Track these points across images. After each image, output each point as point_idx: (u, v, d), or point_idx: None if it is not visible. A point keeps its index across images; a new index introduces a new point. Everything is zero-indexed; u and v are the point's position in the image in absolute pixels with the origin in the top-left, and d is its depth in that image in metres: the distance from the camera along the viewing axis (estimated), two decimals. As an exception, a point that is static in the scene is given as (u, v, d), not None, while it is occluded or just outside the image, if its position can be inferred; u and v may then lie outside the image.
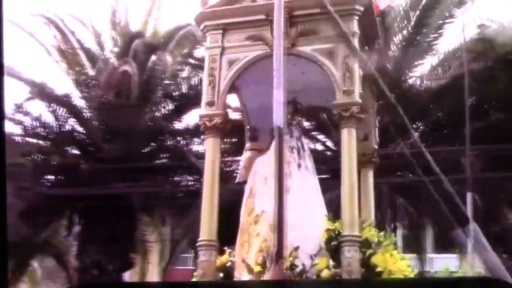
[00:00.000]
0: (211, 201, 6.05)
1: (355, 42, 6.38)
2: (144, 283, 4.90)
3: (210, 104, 6.38)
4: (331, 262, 5.74)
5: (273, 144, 6.38)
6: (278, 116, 5.43)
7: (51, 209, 13.00)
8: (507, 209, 15.77)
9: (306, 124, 15.20)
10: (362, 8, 6.46)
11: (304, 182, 6.35)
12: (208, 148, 6.40)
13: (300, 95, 6.76)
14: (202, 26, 6.71)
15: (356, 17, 6.46)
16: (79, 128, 14.09)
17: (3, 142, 2.46)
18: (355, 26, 6.43)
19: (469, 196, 13.65)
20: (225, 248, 6.24)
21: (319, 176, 8.20)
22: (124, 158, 12.86)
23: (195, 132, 12.89)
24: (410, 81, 16.03)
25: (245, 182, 6.51)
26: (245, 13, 6.58)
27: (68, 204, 13.13)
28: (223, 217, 6.06)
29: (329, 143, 15.73)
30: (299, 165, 6.44)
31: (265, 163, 6.23)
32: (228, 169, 11.74)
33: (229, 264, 6.05)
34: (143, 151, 14.28)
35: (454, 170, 14.64)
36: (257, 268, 5.55)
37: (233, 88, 6.79)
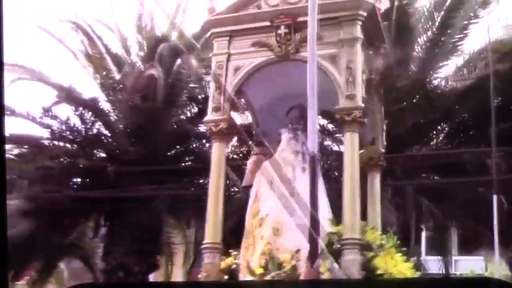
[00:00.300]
0: (215, 204, 6.27)
1: (358, 47, 6.50)
2: (145, 283, 5.02)
3: (216, 109, 6.60)
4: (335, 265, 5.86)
5: (279, 149, 6.57)
6: (312, 142, 5.49)
7: (78, 211, 13.34)
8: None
9: (330, 126, 15.28)
10: (365, 13, 6.57)
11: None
12: (214, 153, 6.62)
13: (303, 99, 6.88)
14: (209, 33, 6.94)
15: (360, 22, 6.58)
16: (106, 132, 14.42)
17: (3, 142, 2.61)
18: (358, 31, 6.55)
19: (495, 198, 13.60)
20: (231, 250, 6.43)
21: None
22: (149, 161, 13.14)
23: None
24: (435, 82, 15.94)
25: (251, 186, 6.69)
26: (250, 20, 6.77)
27: (95, 206, 13.46)
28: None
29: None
30: (303, 169, 6.58)
31: (271, 167, 6.40)
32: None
33: (234, 266, 6.24)
34: (168, 154, 14.54)
35: (480, 171, 14.56)
36: (259, 271, 5.73)
37: (241, 93, 6.99)
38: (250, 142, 7.03)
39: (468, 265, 15.88)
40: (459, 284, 2.57)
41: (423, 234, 16.86)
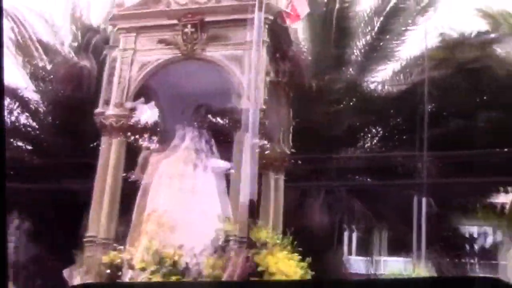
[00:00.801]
0: (99, 198, 6.26)
1: (264, 49, 6.56)
2: (144, 283, 4.93)
3: (118, 105, 6.56)
4: (221, 261, 5.91)
5: (182, 146, 6.59)
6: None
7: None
8: (460, 214, 16.05)
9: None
10: (272, 17, 6.64)
11: (209, 184, 6.53)
12: (111, 148, 6.58)
13: (208, 98, 6.94)
14: (116, 28, 6.89)
15: (266, 26, 6.64)
16: (31, 123, 14.04)
17: (3, 142, 2.55)
18: (264, 34, 6.61)
19: (424, 201, 13.95)
20: (115, 244, 6.41)
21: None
22: (75, 153, 12.89)
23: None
24: (372, 86, 16.18)
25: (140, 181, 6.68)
26: (158, 17, 6.76)
27: (12, 199, 13.07)
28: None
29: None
30: (205, 167, 6.62)
31: (167, 164, 6.42)
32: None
33: (118, 261, 6.21)
34: (93, 145, 14.29)
35: (412, 175, 14.89)
36: (140, 265, 5.74)
37: (150, 90, 6.98)
38: (153, 139, 7.00)
39: (396, 265, 16.22)
40: (458, 284, 2.63)
41: (354, 235, 17.15)
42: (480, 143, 14.28)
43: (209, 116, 6.84)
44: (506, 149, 14.97)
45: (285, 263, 5.99)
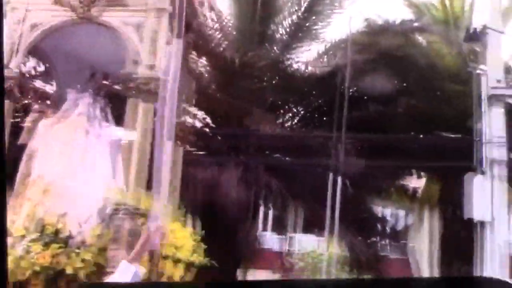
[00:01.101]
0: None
1: (165, 18, 6.42)
2: (145, 283, 4.70)
3: (6, 66, 6.26)
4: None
5: (76, 112, 6.38)
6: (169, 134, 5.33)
7: None
8: (374, 195, 16.48)
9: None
10: (174, -15, 6.48)
11: (101, 152, 6.37)
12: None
13: (105, 64, 6.75)
14: (12, -14, 6.57)
15: (169, -7, 6.49)
16: None
17: (3, 140, 2.35)
18: (166, 2, 6.47)
19: (339, 180, 14.20)
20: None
21: (200, 153, 8.23)
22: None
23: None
24: (296, 65, 16.23)
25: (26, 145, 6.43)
26: (55, -23, 6.48)
27: None
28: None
29: (209, 120, 15.75)
30: (98, 135, 6.45)
31: (57, 129, 6.21)
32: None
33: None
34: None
35: (330, 155, 15.10)
36: (21, 233, 5.56)
37: (43, 52, 6.71)
38: (44, 102, 6.73)
39: (311, 243, 16.57)
40: (457, 283, 2.57)
41: (270, 212, 17.31)
42: (397, 128, 14.70)
43: (116, 84, 6.61)
44: (421, 135, 15.47)
45: (175, 235, 5.95)
